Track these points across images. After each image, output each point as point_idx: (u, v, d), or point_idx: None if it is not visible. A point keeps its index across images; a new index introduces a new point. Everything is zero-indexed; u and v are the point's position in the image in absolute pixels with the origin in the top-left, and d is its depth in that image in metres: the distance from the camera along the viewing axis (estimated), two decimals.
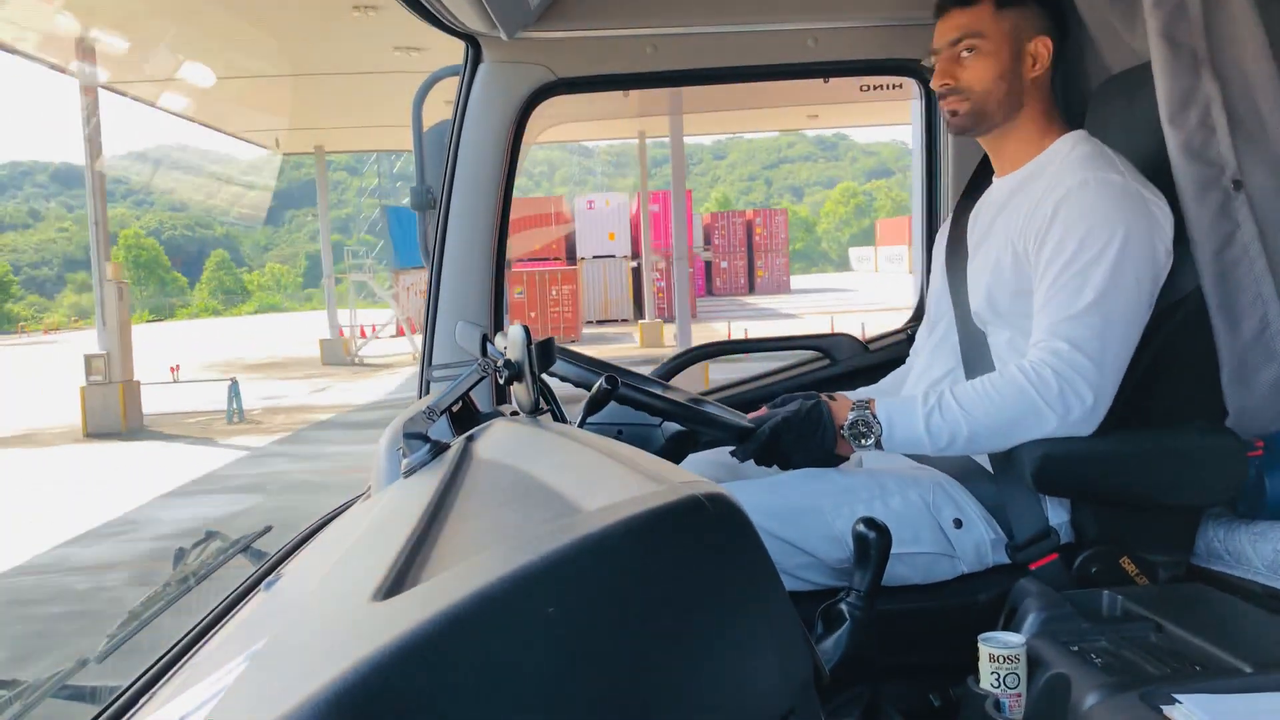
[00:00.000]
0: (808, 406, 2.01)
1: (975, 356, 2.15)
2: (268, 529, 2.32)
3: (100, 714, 1.66)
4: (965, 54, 2.15)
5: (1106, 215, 1.95)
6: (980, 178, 2.43)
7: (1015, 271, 2.07)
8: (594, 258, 34.50)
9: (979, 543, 2.02)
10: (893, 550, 1.60)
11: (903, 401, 2.02)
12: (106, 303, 16.30)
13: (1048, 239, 2.00)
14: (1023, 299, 2.06)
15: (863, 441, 1.98)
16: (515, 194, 2.84)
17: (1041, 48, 2.15)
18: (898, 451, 2.05)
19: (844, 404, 2.01)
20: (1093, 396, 1.90)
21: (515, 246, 33.59)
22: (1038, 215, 2.03)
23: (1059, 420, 1.91)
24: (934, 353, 2.30)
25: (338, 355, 28.05)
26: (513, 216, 2.81)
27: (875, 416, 1.98)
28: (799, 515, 1.98)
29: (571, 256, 35.00)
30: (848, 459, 2.06)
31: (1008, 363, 2.05)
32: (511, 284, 29.19)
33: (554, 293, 29.72)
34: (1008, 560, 2.03)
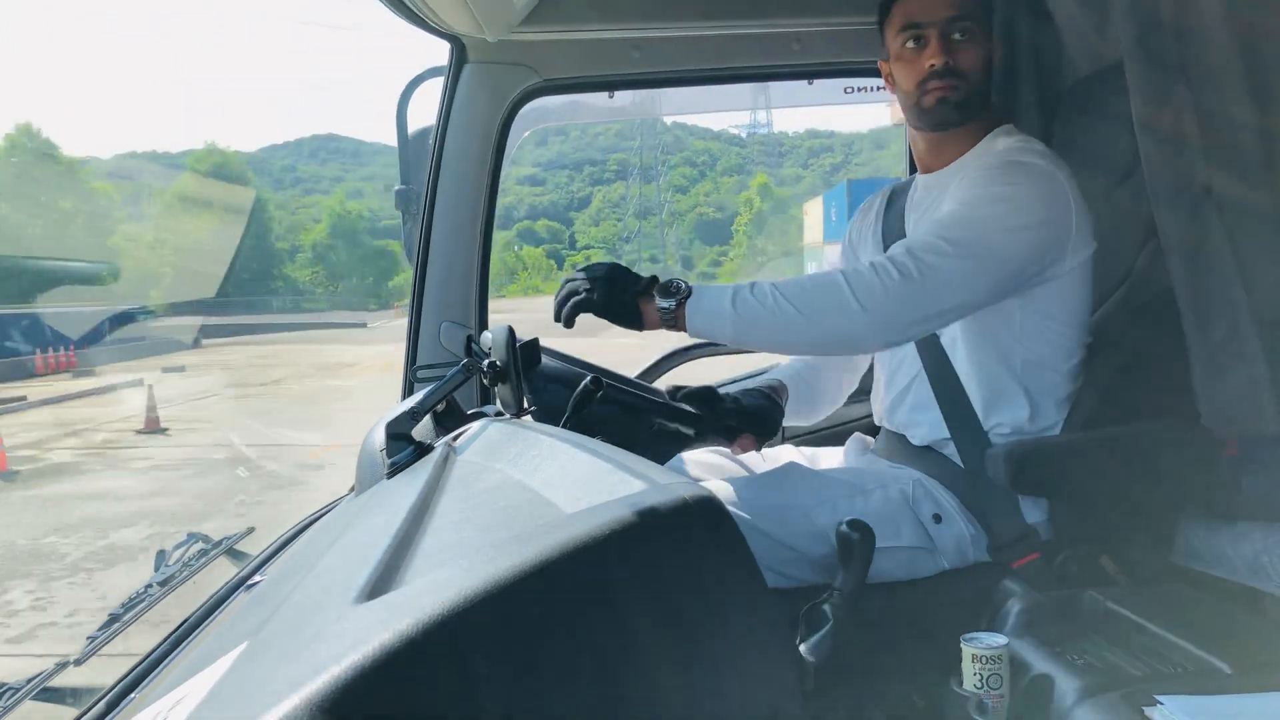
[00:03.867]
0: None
1: (935, 359, 2.14)
2: (250, 530, 2.31)
3: (81, 716, 1.66)
4: (959, 36, 2.10)
5: (1007, 182, 1.97)
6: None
7: None
8: None
9: (959, 538, 2.03)
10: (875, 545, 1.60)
11: (721, 285, 1.97)
12: None
13: (950, 200, 2.03)
14: None
15: (668, 298, 1.92)
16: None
17: (999, 49, 2.16)
18: (700, 325, 1.94)
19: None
20: (902, 300, 1.87)
21: None
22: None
23: (859, 309, 1.86)
24: (895, 358, 2.30)
25: None
26: None
27: (687, 282, 1.94)
28: (781, 511, 1.99)
29: None
30: (645, 327, 1.97)
31: (965, 360, 2.07)
32: None
33: None
34: (988, 557, 2.04)
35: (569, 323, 1.95)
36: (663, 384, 2.52)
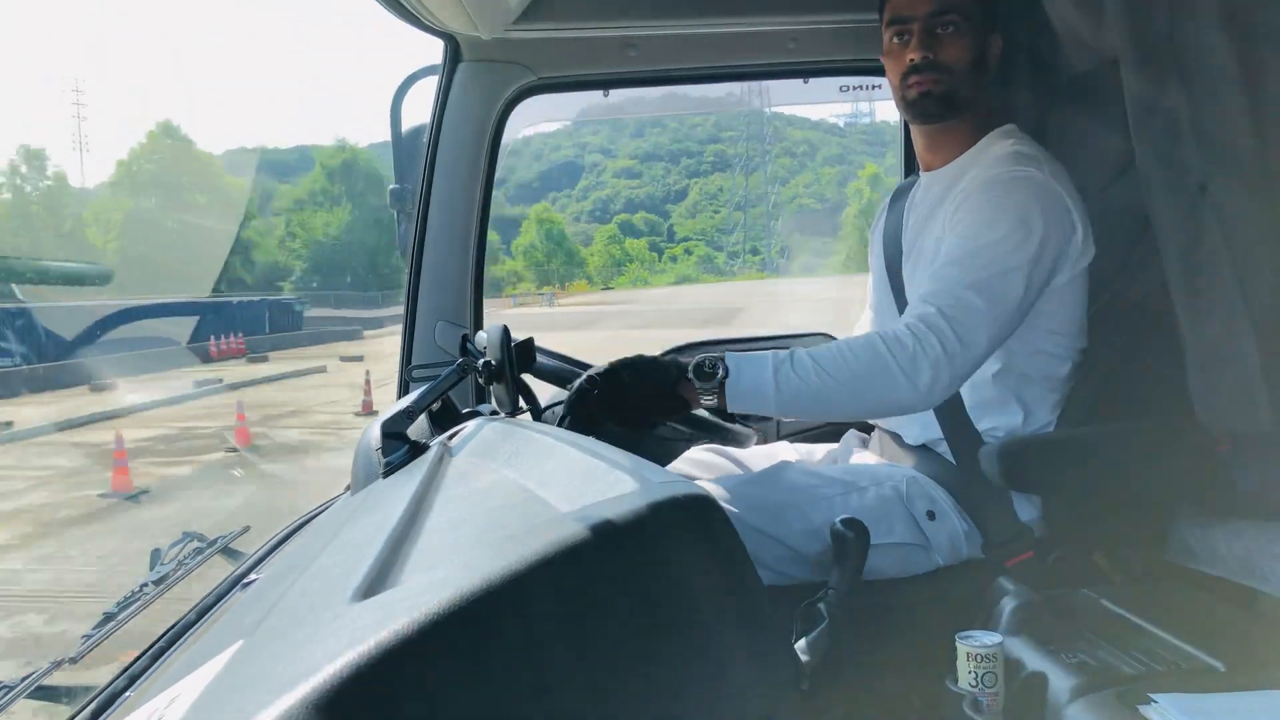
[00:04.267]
0: (658, 356, 1.99)
1: None
2: (246, 529, 2.31)
3: (76, 714, 1.65)
4: (943, 30, 2.09)
5: (1013, 208, 1.95)
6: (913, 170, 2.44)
7: None
8: None
9: (953, 534, 2.03)
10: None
11: (757, 354, 1.94)
12: None
13: (955, 224, 2.01)
14: None
15: (707, 382, 1.88)
16: None
17: (996, 45, 2.15)
18: (741, 404, 1.91)
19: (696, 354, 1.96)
20: (948, 370, 1.86)
21: None
22: (953, 210, 2.04)
23: (908, 384, 1.86)
24: None
25: None
26: None
27: (722, 360, 1.90)
28: (776, 508, 1.99)
29: None
30: (693, 409, 1.95)
31: None
32: None
33: None
34: (982, 555, 2.04)
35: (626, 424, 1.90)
36: None
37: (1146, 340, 2.07)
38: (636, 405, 1.88)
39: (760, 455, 2.40)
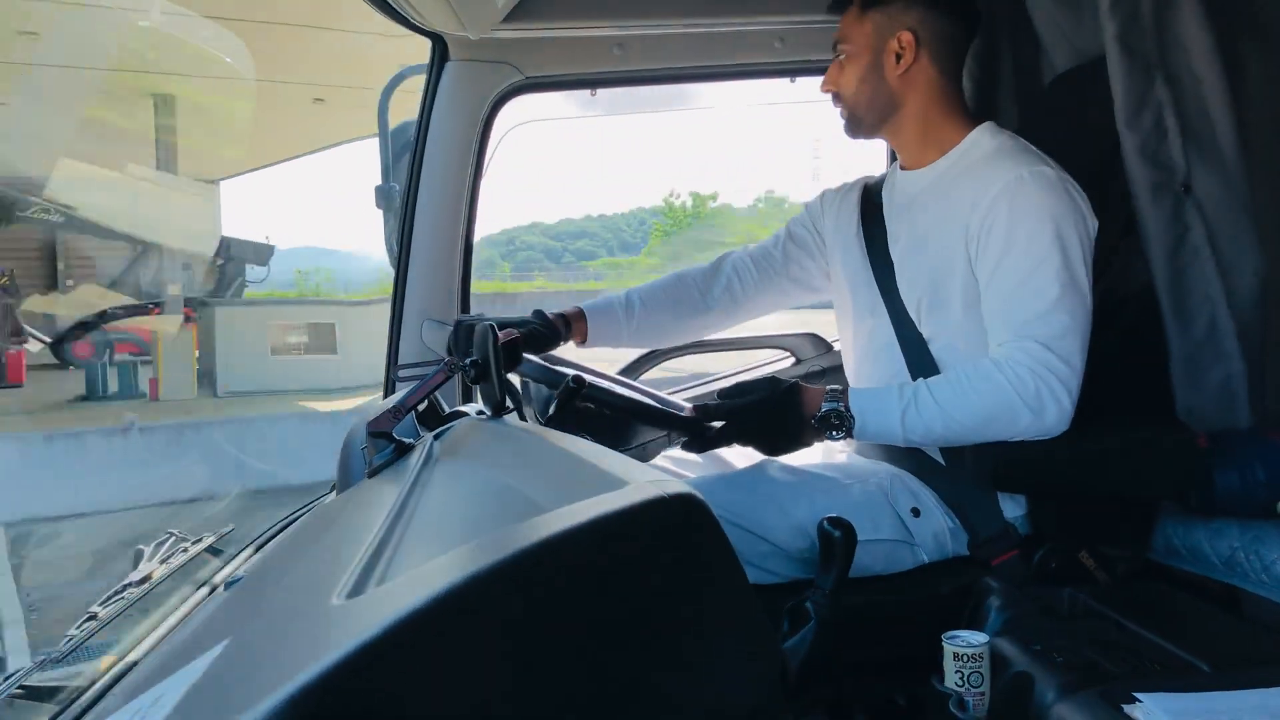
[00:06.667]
0: (780, 392, 1.97)
1: (920, 361, 2.13)
2: (230, 529, 2.30)
3: (59, 714, 1.65)
4: (838, 63, 2.19)
5: (1048, 210, 1.94)
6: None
7: (954, 277, 2.05)
8: None
9: (938, 531, 2.03)
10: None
11: (877, 394, 1.97)
12: None
13: (992, 237, 1.98)
14: (970, 307, 2.04)
15: (834, 434, 1.93)
16: None
17: (904, 43, 2.11)
18: (867, 441, 2.04)
19: (816, 394, 1.97)
20: (1068, 397, 1.88)
21: None
22: (975, 215, 2.00)
23: (1033, 420, 1.89)
24: (868, 356, 2.27)
25: None
26: None
27: (849, 409, 1.93)
28: (760, 505, 1.98)
29: None
30: (809, 446, 2.03)
31: (968, 361, 2.05)
32: None
33: None
34: (967, 552, 2.04)
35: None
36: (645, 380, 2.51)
37: (1130, 339, 2.08)
38: (760, 448, 2.02)
39: (742, 454, 2.39)
